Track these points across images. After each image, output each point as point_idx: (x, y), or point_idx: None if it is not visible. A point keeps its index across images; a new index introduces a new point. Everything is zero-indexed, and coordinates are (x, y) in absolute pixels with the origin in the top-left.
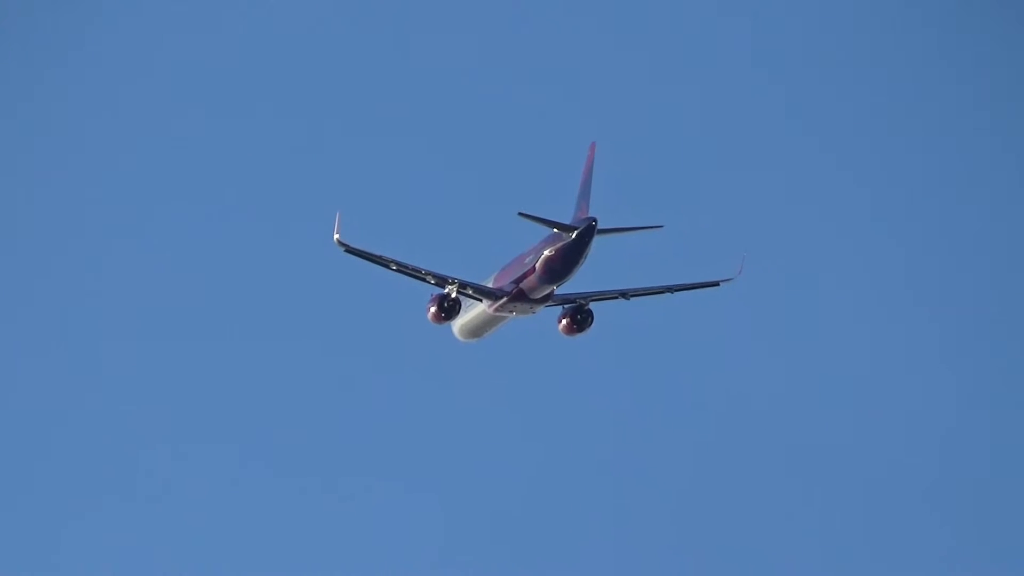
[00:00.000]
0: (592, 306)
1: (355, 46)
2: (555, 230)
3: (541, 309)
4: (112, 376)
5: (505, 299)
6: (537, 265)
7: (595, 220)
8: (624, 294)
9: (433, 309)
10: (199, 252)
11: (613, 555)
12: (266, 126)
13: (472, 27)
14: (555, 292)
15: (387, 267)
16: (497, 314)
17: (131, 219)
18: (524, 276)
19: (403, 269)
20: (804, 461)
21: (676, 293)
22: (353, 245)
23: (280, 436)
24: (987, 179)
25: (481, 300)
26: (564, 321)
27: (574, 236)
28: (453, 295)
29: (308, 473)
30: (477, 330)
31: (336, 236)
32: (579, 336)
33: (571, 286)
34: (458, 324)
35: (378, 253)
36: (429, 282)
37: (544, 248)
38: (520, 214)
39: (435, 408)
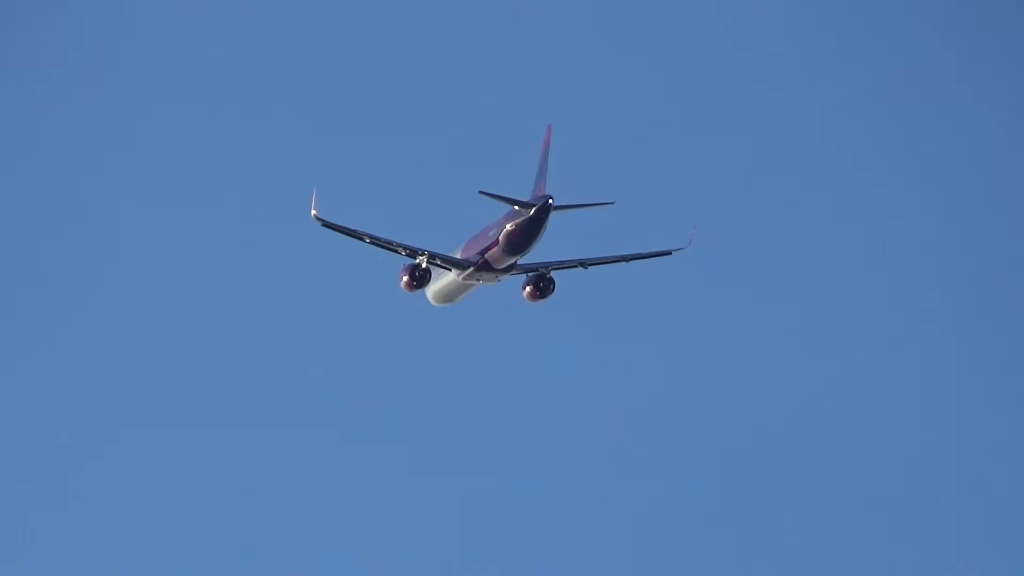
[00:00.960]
0: (553, 274)
1: (321, 31)
2: (515, 207)
3: (506, 278)
4: (104, 364)
5: (472, 269)
6: (500, 239)
7: (551, 197)
8: (583, 263)
9: (405, 278)
10: (185, 237)
11: (571, 525)
12: (246, 115)
13: (442, 16)
14: (518, 262)
15: (361, 240)
16: (466, 282)
17: (126, 213)
18: (488, 248)
19: (377, 242)
20: (756, 422)
21: (631, 262)
22: (329, 220)
23: (264, 405)
24: (943, 151)
25: (450, 269)
26: (528, 288)
27: (532, 212)
28: (424, 265)
29: (287, 440)
30: (449, 296)
31: (313, 212)
32: (542, 302)
33: (533, 256)
34: (431, 291)
35: (353, 227)
36: (401, 254)
37: (506, 223)
38: (481, 192)
39: (410, 371)
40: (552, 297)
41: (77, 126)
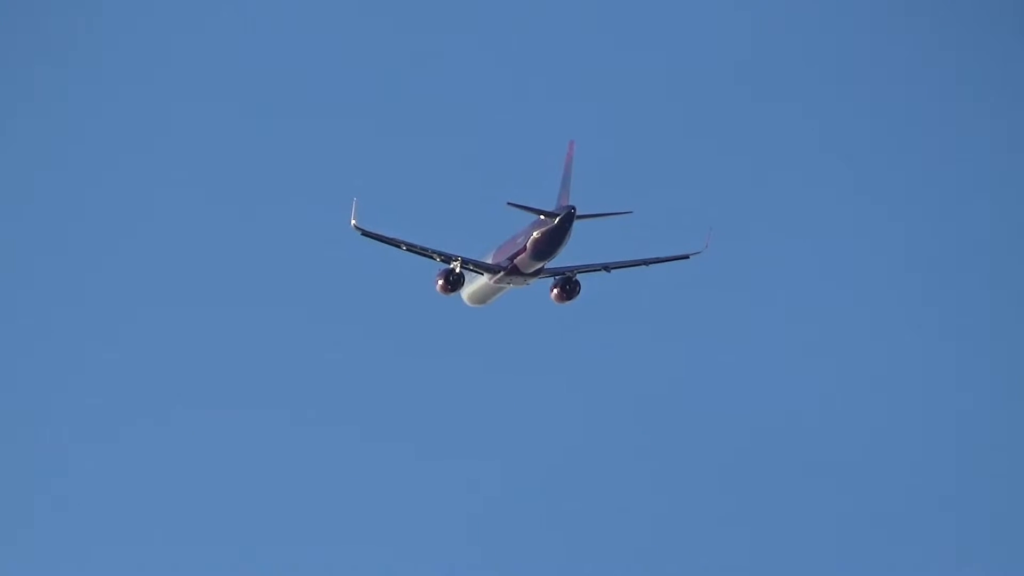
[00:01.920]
0: (579, 277)
1: (354, 43)
2: (541, 216)
3: (534, 281)
4: (105, 365)
5: (502, 273)
6: (527, 245)
7: (574, 208)
8: (606, 267)
9: (440, 282)
10: (227, 240)
11: (590, 522)
12: (277, 125)
13: (469, 29)
14: (545, 266)
15: (399, 248)
16: (497, 285)
17: (140, 216)
18: (517, 254)
19: (413, 249)
20: (774, 422)
21: (651, 265)
22: (368, 229)
23: (306, 405)
24: (943, 151)
25: (482, 273)
26: (555, 291)
27: (556, 221)
28: (457, 270)
29: (329, 440)
30: (483, 298)
31: (353, 222)
32: (568, 303)
33: (559, 261)
34: (466, 293)
35: (391, 236)
36: (436, 260)
37: (532, 231)
38: (509, 203)
39: (443, 370)
40: (578, 299)
41: (77, 126)
